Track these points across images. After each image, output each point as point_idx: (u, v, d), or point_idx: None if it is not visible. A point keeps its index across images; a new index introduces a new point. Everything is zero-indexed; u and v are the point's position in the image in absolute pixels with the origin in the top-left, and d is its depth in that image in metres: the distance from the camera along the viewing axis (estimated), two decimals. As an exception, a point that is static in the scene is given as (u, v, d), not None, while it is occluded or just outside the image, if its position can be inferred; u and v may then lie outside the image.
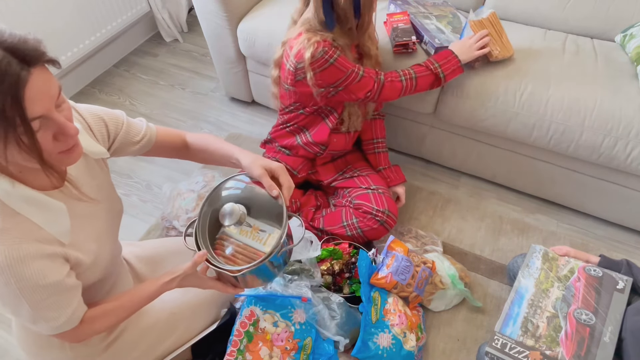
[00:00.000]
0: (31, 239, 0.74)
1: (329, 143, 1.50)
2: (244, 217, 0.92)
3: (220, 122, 2.10)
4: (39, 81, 0.63)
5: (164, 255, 1.23)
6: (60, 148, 0.71)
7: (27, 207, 0.74)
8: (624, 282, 1.11)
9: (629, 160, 1.41)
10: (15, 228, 0.73)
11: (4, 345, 1.39)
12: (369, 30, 1.37)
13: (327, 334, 1.24)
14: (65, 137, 0.70)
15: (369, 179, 1.56)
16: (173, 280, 0.94)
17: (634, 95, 1.41)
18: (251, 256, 0.90)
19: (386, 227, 1.44)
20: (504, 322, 1.10)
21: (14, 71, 0.61)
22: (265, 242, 0.91)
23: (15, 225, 0.73)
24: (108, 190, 0.96)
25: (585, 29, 1.68)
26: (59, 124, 0.68)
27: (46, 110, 0.65)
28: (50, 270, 0.77)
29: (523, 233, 1.66)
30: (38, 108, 0.64)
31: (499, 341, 1.06)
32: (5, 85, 0.60)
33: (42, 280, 0.75)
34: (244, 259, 0.91)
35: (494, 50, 1.48)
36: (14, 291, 0.73)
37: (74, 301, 0.83)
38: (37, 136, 0.65)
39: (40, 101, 0.64)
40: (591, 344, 1.02)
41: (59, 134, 0.69)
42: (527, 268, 1.20)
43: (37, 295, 0.75)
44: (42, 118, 0.65)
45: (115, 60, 2.41)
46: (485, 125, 1.56)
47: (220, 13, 1.72)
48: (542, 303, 1.12)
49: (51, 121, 0.67)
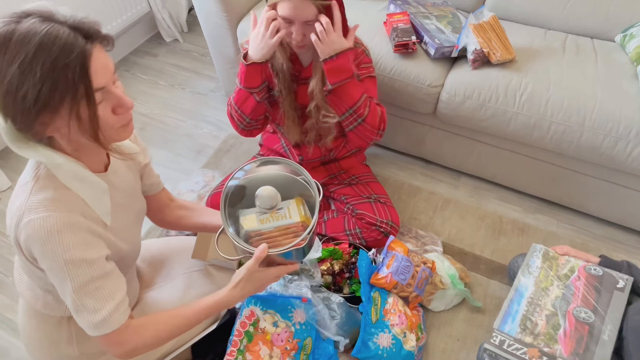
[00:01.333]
0: (79, 213, 0.78)
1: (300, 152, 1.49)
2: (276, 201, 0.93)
3: (220, 122, 2.10)
4: (100, 55, 0.70)
5: (167, 255, 1.23)
6: (119, 122, 0.76)
7: (76, 182, 0.79)
8: (624, 281, 1.11)
9: (629, 160, 1.41)
10: (66, 200, 0.77)
11: (5, 345, 1.39)
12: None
13: (327, 334, 1.24)
14: (123, 109, 0.76)
15: (369, 187, 1.55)
16: (237, 285, 0.93)
17: (634, 95, 1.41)
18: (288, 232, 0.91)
19: (389, 236, 1.44)
20: (503, 319, 1.11)
21: (80, 44, 0.67)
22: (291, 215, 0.92)
23: (66, 197, 0.78)
24: (137, 188, 1.02)
25: (585, 29, 1.68)
26: (117, 97, 0.74)
27: (107, 82, 0.72)
28: (94, 246, 0.80)
29: (523, 233, 1.66)
30: (100, 80, 0.70)
31: (497, 338, 1.07)
32: (74, 55, 0.66)
33: (86, 253, 0.77)
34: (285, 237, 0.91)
35: (494, 54, 1.48)
36: (59, 264, 0.76)
37: (117, 295, 0.83)
38: (99, 108, 0.71)
39: (102, 74, 0.70)
40: (590, 341, 1.02)
41: (117, 106, 0.75)
42: (527, 267, 1.21)
43: (80, 272, 0.77)
44: (104, 91, 0.71)
45: (115, 60, 2.42)
46: (485, 125, 1.56)
47: (220, 13, 1.72)
48: (542, 301, 1.12)
49: (111, 94, 0.73)
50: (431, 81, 1.54)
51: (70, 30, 0.67)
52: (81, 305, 0.80)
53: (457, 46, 1.54)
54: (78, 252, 0.76)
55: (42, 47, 0.65)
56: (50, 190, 0.76)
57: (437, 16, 1.66)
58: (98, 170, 0.86)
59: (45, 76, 0.65)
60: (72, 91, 0.67)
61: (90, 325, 0.81)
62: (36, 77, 0.65)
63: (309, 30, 1.16)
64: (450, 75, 1.56)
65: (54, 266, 0.76)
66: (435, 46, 1.52)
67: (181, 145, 2.00)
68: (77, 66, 0.66)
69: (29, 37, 0.65)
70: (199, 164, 1.90)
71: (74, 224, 0.76)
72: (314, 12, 1.12)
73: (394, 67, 1.57)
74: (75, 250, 0.76)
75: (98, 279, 0.80)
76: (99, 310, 0.81)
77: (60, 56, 0.65)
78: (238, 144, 1.97)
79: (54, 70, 0.65)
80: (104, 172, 0.87)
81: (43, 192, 0.76)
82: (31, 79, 0.65)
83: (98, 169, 0.86)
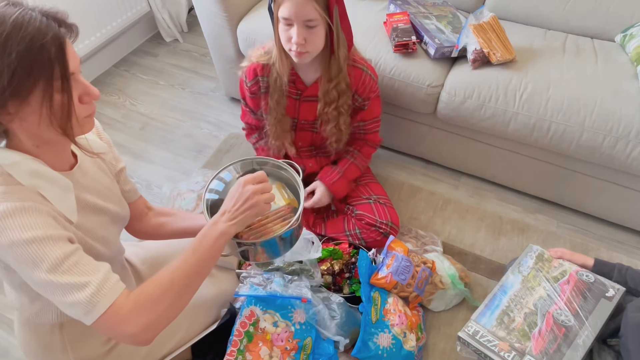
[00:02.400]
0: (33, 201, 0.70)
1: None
2: None
3: (220, 122, 2.10)
4: (69, 42, 0.69)
5: (167, 256, 1.23)
6: (85, 112, 0.74)
7: (34, 180, 0.73)
8: (614, 290, 1.11)
9: (629, 160, 1.41)
10: (20, 193, 0.70)
11: (4, 345, 1.39)
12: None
13: (327, 334, 1.24)
14: (90, 97, 0.74)
15: (369, 188, 1.55)
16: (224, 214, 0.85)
17: (634, 95, 1.41)
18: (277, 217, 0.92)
19: (389, 237, 1.44)
20: (482, 312, 1.14)
21: (54, 27, 0.66)
22: (275, 201, 0.92)
23: (20, 191, 0.70)
24: (114, 190, 0.97)
25: (585, 29, 1.68)
26: (84, 84, 0.73)
27: (77, 69, 0.71)
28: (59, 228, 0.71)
29: (523, 233, 1.66)
30: (73, 64, 0.69)
31: (472, 328, 1.11)
32: (49, 36, 0.65)
33: (50, 231, 0.69)
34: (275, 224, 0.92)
35: (495, 54, 1.48)
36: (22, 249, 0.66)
37: (100, 267, 0.73)
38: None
39: (73, 59, 0.69)
40: (563, 344, 1.04)
41: (84, 94, 0.73)
42: (519, 265, 1.22)
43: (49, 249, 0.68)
44: (73, 78, 0.70)
45: (115, 60, 2.41)
46: (485, 125, 1.56)
47: (220, 13, 1.72)
48: (524, 300, 1.14)
49: (79, 82, 0.72)
50: (431, 81, 1.54)
51: (42, 15, 0.66)
52: (63, 288, 0.68)
53: (457, 46, 1.54)
54: (40, 230, 0.68)
55: (17, 27, 0.63)
56: (1, 186, 0.70)
57: (437, 16, 1.66)
58: (61, 169, 0.81)
59: (20, 56, 0.63)
60: (47, 73, 0.65)
61: (83, 310, 0.69)
62: (11, 57, 0.62)
63: (310, 35, 1.14)
64: (450, 75, 1.56)
65: (17, 253, 0.67)
66: (435, 46, 1.52)
67: (181, 145, 2.00)
68: (52, 47, 0.65)
69: (2, 18, 0.63)
70: (199, 164, 1.90)
71: (30, 207, 0.68)
72: (314, 12, 1.11)
73: (394, 67, 1.56)
74: (36, 229, 0.67)
75: (72, 254, 0.71)
76: (85, 284, 0.69)
77: (37, 36, 0.63)
78: (238, 144, 1.97)
79: (30, 50, 0.63)
80: (68, 170, 0.83)
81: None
82: (5, 58, 0.62)
83: (62, 168, 0.81)
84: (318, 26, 1.14)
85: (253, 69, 1.34)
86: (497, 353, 1.05)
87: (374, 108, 1.42)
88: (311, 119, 1.42)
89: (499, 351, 1.05)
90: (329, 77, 1.28)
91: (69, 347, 0.95)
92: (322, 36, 1.17)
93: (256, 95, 1.39)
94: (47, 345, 0.96)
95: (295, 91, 1.35)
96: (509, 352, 1.04)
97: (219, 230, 0.84)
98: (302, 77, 1.34)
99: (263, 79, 1.34)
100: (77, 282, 0.69)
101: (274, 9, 1.15)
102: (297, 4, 1.10)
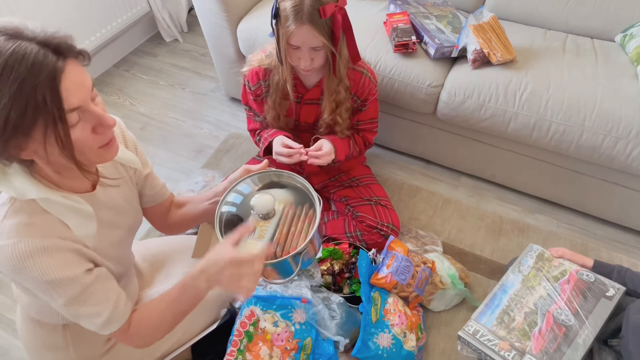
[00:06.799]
0: (55, 236, 0.74)
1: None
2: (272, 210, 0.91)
3: (220, 122, 2.10)
4: (73, 72, 0.65)
5: (168, 254, 1.23)
6: (99, 142, 0.72)
7: (57, 207, 0.75)
8: (614, 290, 1.11)
9: (629, 160, 1.41)
10: (42, 224, 0.73)
11: (4, 345, 1.39)
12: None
13: (327, 334, 1.24)
14: (104, 128, 0.71)
15: (369, 189, 1.55)
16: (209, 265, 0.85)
17: (634, 95, 1.41)
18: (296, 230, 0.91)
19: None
20: (482, 311, 1.15)
21: (50, 62, 0.62)
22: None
23: (43, 221, 0.73)
24: (132, 203, 0.97)
25: (585, 29, 1.68)
26: (97, 115, 0.69)
27: (83, 101, 0.67)
28: (77, 263, 0.77)
29: (523, 233, 1.66)
30: (74, 99, 0.65)
31: (472, 327, 1.11)
32: (43, 76, 0.61)
33: (68, 271, 0.74)
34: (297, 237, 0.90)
35: (495, 54, 1.48)
36: (42, 286, 0.74)
37: (110, 294, 0.81)
38: (77, 129, 0.67)
39: (76, 92, 0.65)
40: (563, 343, 1.04)
41: (97, 125, 0.70)
42: (519, 265, 1.23)
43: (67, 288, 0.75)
44: (80, 110, 0.67)
45: (115, 60, 2.41)
46: (485, 125, 1.56)
47: (220, 13, 1.72)
48: (524, 299, 1.15)
49: (89, 113, 0.68)
50: (431, 81, 1.54)
51: (39, 48, 0.62)
52: (79, 315, 0.79)
53: (457, 46, 1.54)
54: (59, 273, 0.73)
55: (8, 68, 0.60)
56: (25, 214, 0.72)
57: (437, 16, 1.66)
58: (84, 190, 0.81)
59: (13, 99, 0.60)
60: (43, 114, 0.62)
61: (97, 328, 0.81)
62: (5, 101, 0.60)
63: (317, 55, 1.21)
64: (450, 76, 1.56)
65: (37, 288, 0.75)
66: (435, 46, 1.52)
67: (181, 145, 2.00)
68: (46, 87, 0.61)
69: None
70: (199, 164, 1.91)
71: (49, 247, 0.72)
72: (319, 39, 1.16)
73: (394, 67, 1.56)
74: (55, 271, 0.73)
75: (87, 287, 0.78)
76: (98, 314, 0.80)
77: (28, 77, 0.60)
78: (238, 144, 1.97)
79: (22, 93, 0.60)
80: (91, 191, 0.83)
81: (17, 216, 0.71)
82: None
83: (85, 189, 0.82)
84: (324, 48, 1.21)
85: (255, 72, 1.35)
86: (498, 352, 1.05)
87: (371, 110, 1.43)
88: (311, 121, 1.44)
89: (499, 350, 1.06)
90: (330, 92, 1.33)
91: (71, 344, 0.96)
92: (327, 53, 1.24)
93: (260, 98, 1.41)
94: (49, 342, 0.97)
95: (296, 95, 1.37)
96: (509, 352, 1.05)
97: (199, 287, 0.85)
98: (303, 80, 1.37)
99: (265, 82, 1.36)
100: (91, 312, 0.79)
101: (281, 32, 1.18)
102: (304, 36, 1.16)
